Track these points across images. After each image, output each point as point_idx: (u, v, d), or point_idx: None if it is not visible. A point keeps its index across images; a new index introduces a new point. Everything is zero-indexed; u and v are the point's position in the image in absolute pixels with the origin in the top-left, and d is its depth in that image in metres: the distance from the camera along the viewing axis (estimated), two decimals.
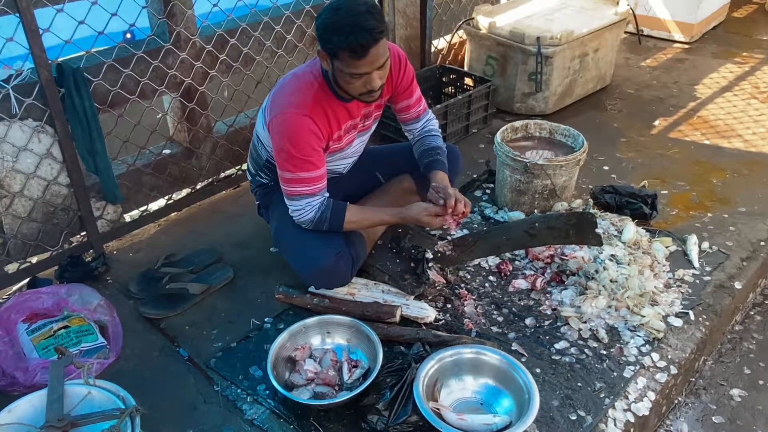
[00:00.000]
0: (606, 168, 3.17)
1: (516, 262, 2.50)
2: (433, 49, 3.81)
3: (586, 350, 2.10)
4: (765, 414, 2.16)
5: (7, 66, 2.27)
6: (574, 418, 1.88)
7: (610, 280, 2.31)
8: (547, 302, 2.30)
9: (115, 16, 2.36)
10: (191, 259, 2.54)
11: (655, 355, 2.08)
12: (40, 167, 2.37)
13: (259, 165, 2.33)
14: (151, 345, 2.20)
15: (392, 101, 2.33)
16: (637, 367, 2.04)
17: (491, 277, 2.43)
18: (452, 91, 3.67)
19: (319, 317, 2.13)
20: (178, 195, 2.89)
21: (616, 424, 1.87)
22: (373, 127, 2.35)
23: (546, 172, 2.63)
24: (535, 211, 2.73)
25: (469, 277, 2.43)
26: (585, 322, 2.19)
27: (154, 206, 2.84)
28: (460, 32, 3.95)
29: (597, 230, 2.25)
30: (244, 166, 2.93)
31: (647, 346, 2.12)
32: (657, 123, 3.62)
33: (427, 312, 2.20)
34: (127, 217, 2.75)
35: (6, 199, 2.34)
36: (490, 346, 1.99)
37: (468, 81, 3.58)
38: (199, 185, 2.97)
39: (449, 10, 3.98)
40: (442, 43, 4.03)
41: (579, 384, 1.98)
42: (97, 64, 2.39)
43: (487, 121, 3.60)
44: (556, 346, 2.12)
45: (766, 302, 2.67)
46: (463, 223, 2.70)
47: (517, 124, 2.89)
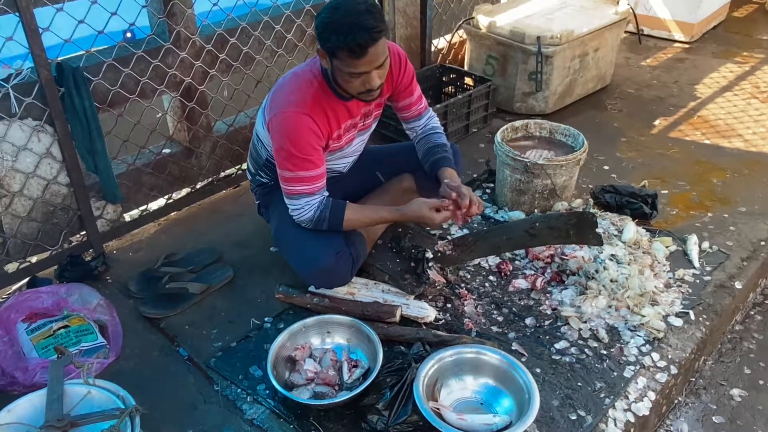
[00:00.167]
0: (606, 168, 3.17)
1: (516, 262, 2.50)
2: (433, 49, 3.81)
3: (586, 350, 2.10)
4: (765, 414, 2.16)
5: (7, 65, 2.26)
6: (574, 417, 1.88)
7: (611, 280, 2.31)
8: (547, 302, 2.30)
9: (115, 16, 2.36)
10: (191, 258, 2.54)
11: (656, 355, 2.08)
12: (39, 167, 2.36)
13: (259, 164, 2.33)
14: (151, 345, 2.20)
15: (393, 100, 2.33)
16: (638, 367, 2.04)
17: (491, 277, 2.43)
18: (452, 90, 3.67)
19: (319, 317, 2.12)
20: (177, 194, 2.89)
21: (616, 424, 1.87)
22: (373, 126, 2.34)
23: (546, 172, 2.62)
24: (536, 210, 2.73)
25: (469, 276, 2.43)
26: (585, 322, 2.19)
27: (154, 206, 2.84)
28: (461, 32, 3.95)
29: (597, 230, 2.25)
30: (244, 166, 2.93)
31: (647, 345, 2.11)
32: (657, 123, 3.62)
33: (427, 312, 2.19)
34: (127, 217, 2.75)
35: (6, 198, 2.33)
36: (490, 346, 1.99)
37: (468, 80, 3.58)
38: (199, 185, 2.97)
39: (449, 10, 3.98)
40: (442, 43, 4.02)
41: (579, 384, 1.98)
42: (97, 63, 2.38)
43: (487, 120, 3.59)
44: (556, 346, 2.12)
45: (767, 302, 2.67)
46: None
47: (517, 123, 2.88)
